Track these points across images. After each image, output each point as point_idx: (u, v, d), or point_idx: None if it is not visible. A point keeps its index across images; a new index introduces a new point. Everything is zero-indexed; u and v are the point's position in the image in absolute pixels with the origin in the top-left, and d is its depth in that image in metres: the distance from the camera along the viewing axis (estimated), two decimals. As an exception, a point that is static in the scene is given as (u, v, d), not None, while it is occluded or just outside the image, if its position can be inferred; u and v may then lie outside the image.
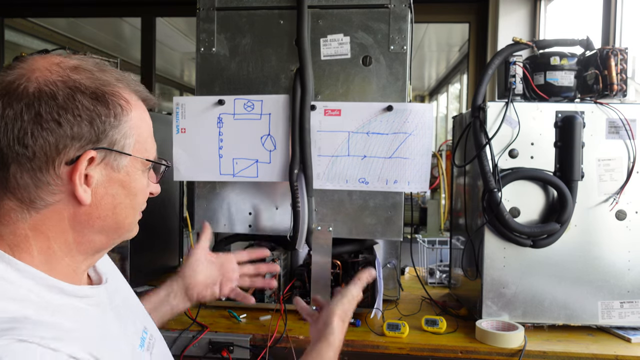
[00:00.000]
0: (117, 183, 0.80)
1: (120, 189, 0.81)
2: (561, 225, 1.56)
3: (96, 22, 4.98)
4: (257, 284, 1.40)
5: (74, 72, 0.76)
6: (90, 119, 0.75)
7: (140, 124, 0.82)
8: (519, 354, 1.45)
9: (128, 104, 0.80)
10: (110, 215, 0.80)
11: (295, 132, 1.67)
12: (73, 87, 0.74)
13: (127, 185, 0.81)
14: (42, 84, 0.73)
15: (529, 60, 1.68)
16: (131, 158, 0.81)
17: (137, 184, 0.83)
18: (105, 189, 0.79)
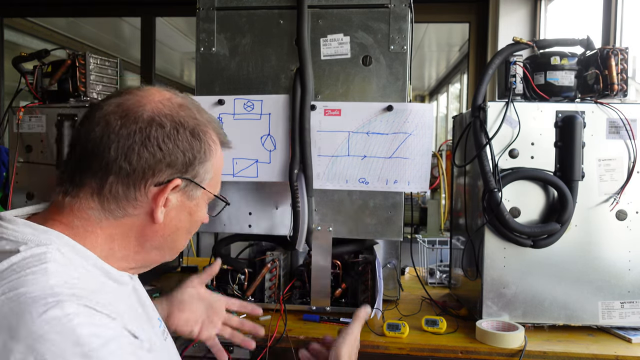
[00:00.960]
0: (187, 210, 0.91)
1: (187, 216, 0.92)
2: (561, 225, 1.56)
3: (96, 22, 4.97)
4: (235, 339, 1.33)
5: (181, 109, 0.89)
6: (185, 151, 0.87)
7: (219, 163, 0.95)
8: (519, 354, 1.45)
9: (215, 144, 0.93)
10: (171, 235, 0.91)
11: (295, 132, 1.67)
12: (178, 122, 0.87)
13: (194, 214, 0.93)
14: (155, 113, 0.85)
15: (529, 60, 1.68)
16: (204, 191, 0.92)
17: (200, 214, 0.94)
18: (176, 213, 0.90)
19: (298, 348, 1.39)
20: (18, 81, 1.92)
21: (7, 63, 4.05)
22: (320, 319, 1.67)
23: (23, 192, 1.90)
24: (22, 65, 1.93)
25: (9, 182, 1.88)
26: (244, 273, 1.77)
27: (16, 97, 1.95)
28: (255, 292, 1.78)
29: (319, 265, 1.71)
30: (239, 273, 1.77)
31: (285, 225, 1.75)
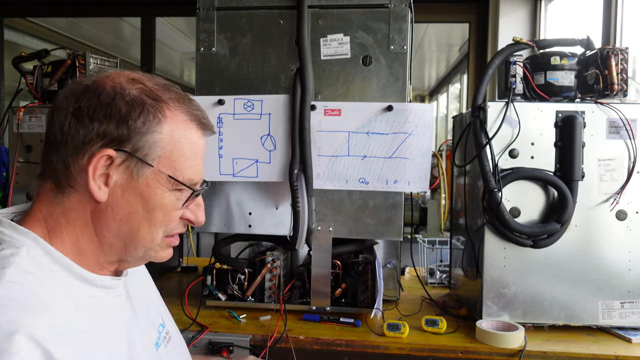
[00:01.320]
0: (135, 191, 0.82)
1: (138, 199, 0.82)
2: (561, 225, 1.56)
3: (96, 22, 4.97)
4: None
5: (129, 82, 0.83)
6: (119, 121, 0.79)
7: (178, 141, 0.84)
8: (519, 354, 1.45)
9: (164, 118, 0.82)
10: (125, 221, 0.83)
11: (295, 132, 1.67)
12: (118, 92, 0.81)
13: (145, 197, 0.83)
14: (95, 84, 0.81)
15: (529, 60, 1.68)
16: (153, 170, 0.82)
17: (157, 199, 0.83)
18: (122, 192, 0.82)
19: (298, 348, 1.39)
20: (18, 81, 1.92)
21: (7, 63, 4.05)
22: (320, 319, 1.67)
23: (23, 192, 1.90)
24: (22, 65, 1.93)
25: (9, 182, 1.88)
26: (244, 273, 1.77)
27: (16, 97, 1.95)
28: (255, 292, 1.78)
29: (319, 265, 1.71)
30: (239, 273, 1.77)
31: (285, 225, 1.75)
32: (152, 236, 0.85)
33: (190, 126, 0.86)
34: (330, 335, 1.56)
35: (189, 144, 0.85)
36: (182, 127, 0.84)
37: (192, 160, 0.86)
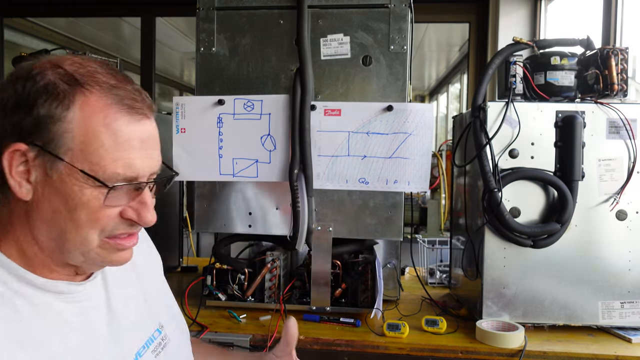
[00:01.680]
0: (52, 188, 0.74)
1: (57, 197, 0.74)
2: (561, 225, 1.56)
3: (96, 22, 4.97)
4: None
5: (52, 67, 0.74)
6: (26, 111, 0.72)
7: (93, 131, 0.73)
8: (519, 354, 1.45)
9: (72, 104, 0.72)
10: (51, 221, 0.75)
11: (295, 132, 1.67)
12: (32, 78, 0.73)
13: (64, 195, 0.74)
14: (20, 70, 0.74)
15: (529, 60, 1.68)
16: (65, 165, 0.72)
17: (76, 197, 0.73)
18: (42, 190, 0.74)
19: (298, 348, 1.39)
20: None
21: (7, 63, 4.05)
22: (320, 319, 1.67)
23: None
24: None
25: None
26: (244, 273, 1.77)
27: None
28: (255, 292, 1.78)
29: (319, 265, 1.71)
30: (239, 273, 1.77)
31: (285, 225, 1.75)
32: (83, 238, 0.76)
33: (110, 112, 0.74)
34: (330, 335, 1.56)
35: (109, 133, 0.73)
36: (100, 114, 0.73)
37: (116, 151, 0.74)
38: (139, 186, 0.77)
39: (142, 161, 0.77)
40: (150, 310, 0.97)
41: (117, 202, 0.76)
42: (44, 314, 0.76)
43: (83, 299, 0.83)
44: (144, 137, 0.77)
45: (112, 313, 0.87)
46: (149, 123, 0.79)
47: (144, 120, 0.78)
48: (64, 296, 0.80)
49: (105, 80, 0.75)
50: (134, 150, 0.75)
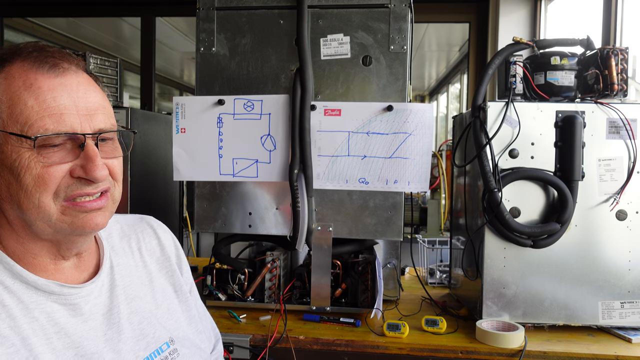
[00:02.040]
0: (5, 166, 0.76)
1: (5, 170, 0.76)
2: (561, 225, 1.56)
3: (96, 22, 4.97)
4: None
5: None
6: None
7: (17, 95, 0.75)
8: (520, 354, 1.45)
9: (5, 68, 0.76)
10: (9, 198, 0.77)
11: (295, 132, 1.67)
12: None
13: (8, 165, 0.75)
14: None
15: (530, 60, 1.68)
16: (3, 134, 0.75)
17: (16, 163, 0.75)
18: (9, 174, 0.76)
19: (298, 348, 1.39)
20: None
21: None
22: (320, 319, 1.67)
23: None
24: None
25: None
26: (244, 273, 1.77)
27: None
28: (255, 292, 1.78)
29: (319, 265, 1.71)
30: (239, 273, 1.77)
31: (285, 225, 1.75)
32: (36, 205, 0.76)
33: (30, 74, 0.76)
34: (330, 335, 1.56)
35: (31, 92, 0.75)
36: (20, 78, 0.76)
37: (41, 108, 0.75)
38: (78, 141, 0.77)
39: (74, 113, 0.77)
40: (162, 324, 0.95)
41: (57, 160, 0.76)
42: (32, 312, 0.78)
43: (78, 302, 0.83)
44: (71, 88, 0.77)
45: (111, 320, 0.87)
46: (75, 77, 0.79)
47: (69, 74, 0.79)
48: (55, 297, 0.81)
49: (26, 51, 0.78)
50: (60, 102, 0.76)
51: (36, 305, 0.78)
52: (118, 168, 0.85)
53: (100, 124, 0.80)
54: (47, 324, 0.78)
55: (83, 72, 0.82)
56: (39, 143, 0.74)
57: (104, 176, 0.79)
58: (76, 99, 0.78)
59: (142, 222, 1.07)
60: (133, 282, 0.95)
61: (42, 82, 0.76)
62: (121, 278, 0.93)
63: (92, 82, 0.83)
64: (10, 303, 0.76)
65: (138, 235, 1.03)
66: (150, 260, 1.01)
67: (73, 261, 0.87)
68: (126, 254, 0.98)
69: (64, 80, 0.78)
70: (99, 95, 0.83)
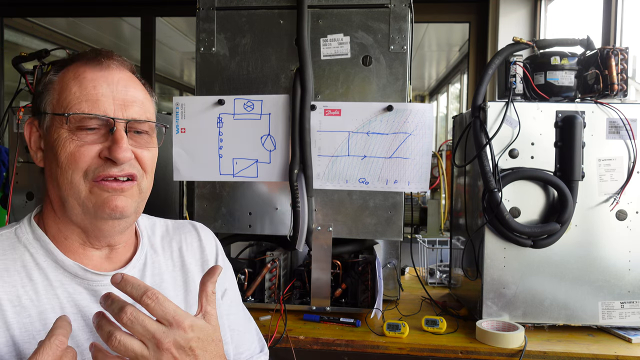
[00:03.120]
0: (47, 143, 0.87)
1: (49, 149, 0.86)
2: (561, 225, 1.56)
3: (96, 22, 4.97)
4: None
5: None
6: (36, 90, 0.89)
7: (67, 84, 0.86)
8: (520, 354, 1.45)
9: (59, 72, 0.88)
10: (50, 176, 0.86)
11: (295, 132, 1.67)
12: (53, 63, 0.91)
13: (51, 143, 0.85)
14: None
15: (530, 60, 1.68)
16: (49, 117, 0.86)
17: (56, 141, 0.84)
18: (45, 151, 0.87)
19: (298, 348, 1.39)
20: (18, 81, 1.92)
21: (7, 63, 4.05)
22: (320, 319, 1.67)
23: (23, 192, 1.90)
24: (22, 65, 1.93)
25: (9, 182, 1.88)
26: (244, 273, 1.77)
27: (16, 97, 1.95)
28: (255, 292, 1.78)
29: (319, 265, 1.71)
30: (239, 273, 1.77)
31: (285, 225, 1.75)
32: (69, 181, 0.83)
33: (80, 68, 0.87)
34: (330, 335, 1.56)
35: (76, 81, 0.86)
36: (72, 72, 0.87)
37: (82, 94, 0.85)
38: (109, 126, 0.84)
39: (110, 101, 0.85)
40: None
41: (89, 141, 0.84)
42: (55, 289, 0.84)
43: (99, 289, 0.86)
44: (111, 81, 0.87)
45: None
46: (118, 72, 0.88)
47: (113, 70, 0.88)
48: (79, 280, 0.86)
49: (85, 54, 0.90)
50: (99, 91, 0.85)
51: (60, 284, 0.84)
52: (149, 160, 0.91)
53: (133, 114, 0.87)
54: (67, 304, 0.84)
55: (127, 71, 0.91)
56: (74, 123, 0.83)
57: (127, 158, 0.85)
58: (115, 91, 0.87)
59: (187, 224, 1.12)
60: (165, 282, 0.96)
61: (87, 74, 0.86)
62: (152, 276, 0.95)
63: (135, 80, 0.92)
64: (37, 278, 0.83)
65: (181, 236, 1.06)
66: (190, 261, 1.04)
67: (105, 252, 0.91)
68: (165, 253, 1.01)
69: (106, 74, 0.87)
70: (139, 92, 0.91)
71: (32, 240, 0.87)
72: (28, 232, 0.88)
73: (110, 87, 0.86)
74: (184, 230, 1.08)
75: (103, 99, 0.85)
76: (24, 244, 0.86)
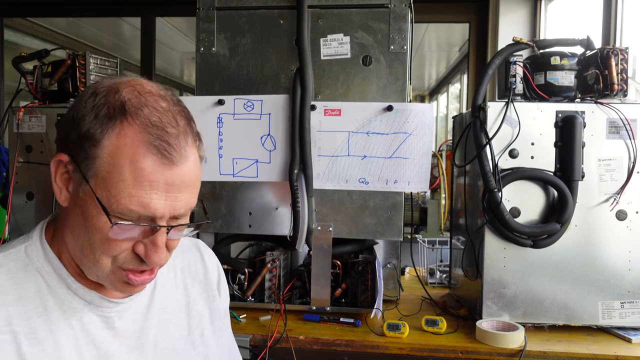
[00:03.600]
0: (80, 204, 0.76)
1: (81, 213, 0.76)
2: (561, 225, 1.56)
3: (96, 22, 4.97)
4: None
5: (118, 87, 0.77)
6: (75, 124, 0.76)
7: (118, 164, 0.72)
8: (520, 354, 1.45)
9: (111, 131, 0.73)
10: (75, 234, 0.79)
11: (295, 132, 1.67)
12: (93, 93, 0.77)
13: (85, 214, 0.76)
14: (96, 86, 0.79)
15: (529, 60, 1.68)
16: (89, 187, 0.74)
17: (93, 220, 0.75)
18: (74, 201, 0.77)
19: (298, 348, 1.39)
20: (18, 81, 1.92)
21: (7, 63, 4.05)
22: (320, 319, 1.67)
23: (23, 192, 1.90)
24: (22, 65, 1.93)
25: (9, 182, 1.88)
26: (244, 273, 1.77)
27: (16, 97, 1.95)
28: (255, 292, 1.78)
29: (319, 265, 1.71)
30: (239, 273, 1.77)
31: (285, 225, 1.75)
32: (96, 260, 0.77)
33: (140, 150, 0.73)
34: (330, 335, 1.56)
35: (132, 169, 0.72)
36: (130, 149, 0.73)
37: (134, 189, 0.72)
38: (154, 226, 0.76)
39: (161, 203, 0.74)
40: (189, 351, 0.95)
41: (125, 236, 0.76)
42: (69, 319, 0.81)
43: (111, 316, 0.85)
44: (169, 182, 0.75)
45: (139, 341, 0.87)
46: (178, 169, 0.75)
47: (173, 167, 0.75)
48: (93, 307, 0.83)
49: (149, 116, 0.75)
50: (154, 192, 0.74)
51: (74, 312, 0.81)
52: (177, 242, 0.84)
53: (181, 210, 0.78)
54: (80, 334, 0.81)
55: (191, 161, 0.77)
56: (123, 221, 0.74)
57: (162, 263, 0.80)
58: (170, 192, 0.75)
59: (190, 244, 1.07)
60: (170, 305, 0.95)
61: (147, 166, 0.73)
62: (160, 300, 0.93)
63: (195, 168, 0.79)
64: (52, 306, 0.80)
65: (184, 256, 1.03)
66: (192, 283, 1.01)
67: None
68: (169, 274, 0.98)
69: (167, 172, 0.74)
70: (196, 181, 0.80)
71: (44, 263, 0.82)
72: (39, 253, 0.82)
73: (167, 188, 0.75)
74: (187, 249, 1.04)
75: (155, 202, 0.74)
76: (36, 267, 0.81)
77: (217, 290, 1.06)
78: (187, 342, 0.95)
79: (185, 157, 0.76)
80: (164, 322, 0.92)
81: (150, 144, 0.73)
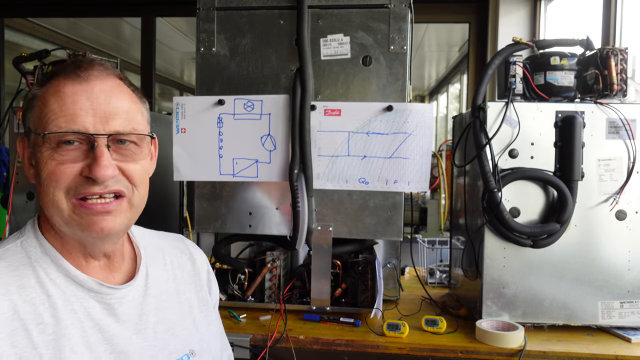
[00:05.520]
0: (35, 161, 0.84)
1: (36, 167, 0.84)
2: (561, 225, 1.56)
3: (96, 22, 4.97)
4: None
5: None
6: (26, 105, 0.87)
7: (47, 100, 0.83)
8: (519, 354, 1.45)
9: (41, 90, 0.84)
10: (38, 192, 0.84)
11: (295, 132, 1.67)
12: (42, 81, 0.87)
13: (36, 162, 0.83)
14: None
15: (529, 60, 1.68)
16: (33, 135, 0.83)
17: (39, 160, 0.82)
18: (35, 167, 0.84)
19: (298, 348, 1.39)
20: (19, 81, 1.92)
21: (8, 63, 4.05)
22: (320, 319, 1.67)
23: (23, 192, 1.90)
24: (23, 66, 1.93)
25: (9, 182, 1.88)
26: (244, 273, 1.77)
27: (16, 97, 1.95)
28: (255, 292, 1.78)
29: (319, 265, 1.71)
30: (239, 273, 1.77)
31: (285, 225, 1.75)
32: (51, 199, 0.82)
33: (59, 82, 0.83)
34: (330, 335, 1.56)
35: (56, 98, 0.82)
36: (52, 87, 0.83)
37: (61, 110, 0.81)
38: (90, 142, 0.81)
39: (89, 115, 0.82)
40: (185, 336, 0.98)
41: (69, 158, 0.81)
42: (72, 304, 0.83)
43: (112, 303, 0.87)
44: (91, 93, 0.82)
45: (139, 326, 0.90)
46: (100, 82, 0.84)
47: (93, 81, 0.83)
48: (93, 294, 0.86)
49: (66, 67, 0.85)
50: (78, 105, 0.82)
51: (76, 298, 0.84)
52: (137, 172, 0.87)
53: (116, 127, 0.83)
54: (84, 318, 0.83)
55: (112, 79, 0.86)
56: (53, 141, 0.80)
57: (109, 176, 0.82)
58: (95, 103, 0.82)
59: (178, 239, 1.13)
60: (163, 293, 0.98)
61: (67, 88, 0.83)
62: (154, 287, 0.96)
63: (120, 88, 0.87)
64: (54, 294, 0.82)
65: (172, 250, 1.07)
66: (180, 274, 1.05)
67: (103, 262, 0.91)
68: (159, 265, 1.01)
69: (86, 86, 0.83)
70: (124, 101, 0.86)
71: (41, 255, 0.85)
72: (36, 246, 0.85)
73: (91, 100, 0.82)
74: (175, 244, 1.10)
75: (82, 113, 0.81)
76: (34, 258, 0.84)
77: (205, 281, 1.10)
78: (182, 326, 0.98)
79: (102, 71, 0.85)
80: (160, 308, 0.95)
81: (66, 73, 0.84)
